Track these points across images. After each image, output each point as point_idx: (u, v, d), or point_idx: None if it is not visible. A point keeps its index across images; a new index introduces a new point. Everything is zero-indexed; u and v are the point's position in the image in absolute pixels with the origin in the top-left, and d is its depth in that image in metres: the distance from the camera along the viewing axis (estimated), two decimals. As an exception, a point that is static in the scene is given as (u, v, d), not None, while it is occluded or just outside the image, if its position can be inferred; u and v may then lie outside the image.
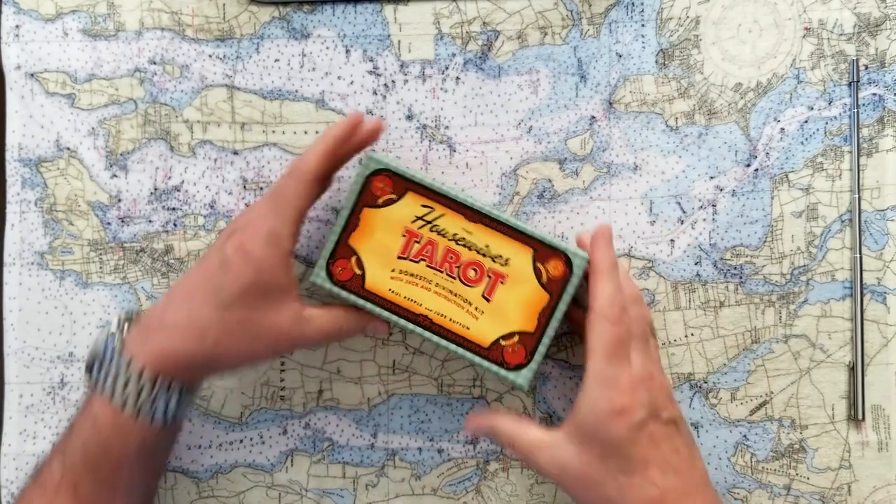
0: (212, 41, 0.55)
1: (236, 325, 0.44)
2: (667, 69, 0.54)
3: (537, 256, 0.46)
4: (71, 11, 0.55)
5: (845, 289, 0.54)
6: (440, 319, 0.47)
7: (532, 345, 0.46)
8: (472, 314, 0.47)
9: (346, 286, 0.47)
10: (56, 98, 0.55)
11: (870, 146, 0.54)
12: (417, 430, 0.54)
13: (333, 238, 0.47)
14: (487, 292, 0.46)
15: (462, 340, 0.47)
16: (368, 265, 0.47)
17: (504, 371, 0.46)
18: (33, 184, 0.55)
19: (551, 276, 0.46)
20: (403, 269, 0.47)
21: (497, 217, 0.47)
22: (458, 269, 0.46)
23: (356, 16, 0.54)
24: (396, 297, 0.47)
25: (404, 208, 0.47)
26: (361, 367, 0.55)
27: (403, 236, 0.47)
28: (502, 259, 0.46)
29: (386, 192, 0.46)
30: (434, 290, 0.47)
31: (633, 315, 0.45)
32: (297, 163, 0.46)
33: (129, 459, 0.44)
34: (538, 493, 0.54)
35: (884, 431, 0.53)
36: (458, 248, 0.46)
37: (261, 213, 0.45)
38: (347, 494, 0.54)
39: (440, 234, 0.46)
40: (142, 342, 0.44)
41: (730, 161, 0.54)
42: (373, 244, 0.47)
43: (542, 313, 0.46)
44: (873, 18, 0.54)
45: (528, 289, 0.46)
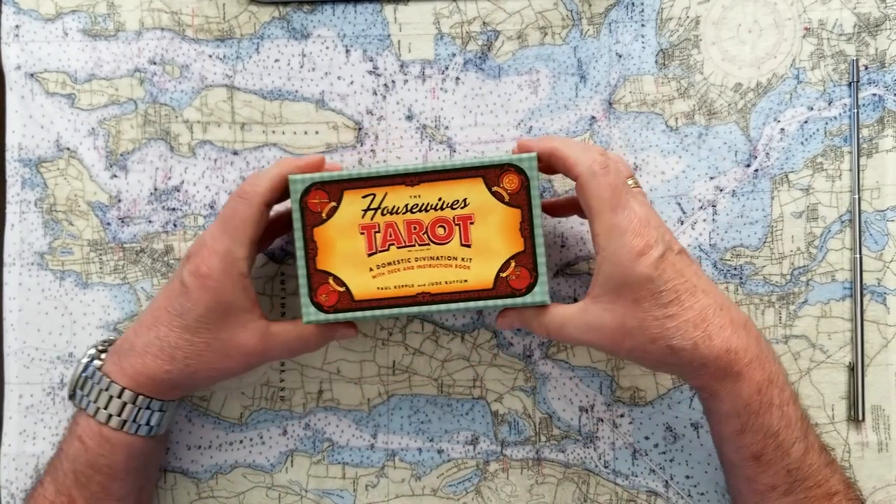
0: (212, 41, 0.55)
1: (204, 347, 0.46)
2: (667, 69, 0.54)
3: (489, 182, 0.46)
4: (71, 11, 0.55)
5: (845, 289, 0.54)
6: (438, 288, 0.46)
7: (530, 261, 0.46)
8: (462, 266, 0.46)
9: (337, 308, 0.46)
10: (56, 98, 0.55)
11: (870, 146, 0.54)
12: (417, 430, 0.54)
13: (302, 272, 0.46)
14: (464, 239, 0.46)
15: (468, 294, 0.46)
16: (347, 277, 0.46)
17: (520, 299, 0.46)
18: (33, 184, 0.55)
19: (511, 191, 0.46)
20: (379, 263, 0.46)
21: (432, 168, 0.46)
22: (427, 234, 0.46)
23: (356, 16, 0.54)
24: (388, 291, 0.46)
25: (349, 208, 0.46)
26: (361, 367, 0.55)
27: (362, 234, 0.46)
28: (460, 202, 0.46)
29: (324, 204, 0.46)
30: (417, 266, 0.46)
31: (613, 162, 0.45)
32: (247, 186, 0.46)
33: (119, 470, 0.47)
34: (538, 494, 0.54)
35: (884, 432, 0.53)
36: (416, 216, 0.46)
37: (213, 235, 0.46)
38: (347, 495, 0.54)
39: (393, 212, 0.46)
40: (118, 365, 0.47)
41: (730, 161, 0.54)
42: (340, 256, 0.46)
43: (522, 229, 0.46)
44: (873, 18, 0.54)
45: (498, 214, 0.46)
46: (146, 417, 0.47)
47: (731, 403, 0.43)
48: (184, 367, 0.46)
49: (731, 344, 0.43)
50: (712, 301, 0.43)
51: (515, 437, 0.54)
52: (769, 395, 0.43)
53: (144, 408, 0.47)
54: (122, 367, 0.47)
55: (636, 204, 0.44)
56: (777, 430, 0.43)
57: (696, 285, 0.43)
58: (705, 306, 0.43)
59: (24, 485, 0.54)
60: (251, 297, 0.47)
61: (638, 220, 0.43)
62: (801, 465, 0.44)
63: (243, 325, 0.46)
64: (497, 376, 0.54)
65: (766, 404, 0.43)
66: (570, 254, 0.54)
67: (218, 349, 0.46)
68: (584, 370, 0.54)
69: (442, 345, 0.55)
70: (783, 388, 0.44)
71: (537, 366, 0.54)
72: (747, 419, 0.43)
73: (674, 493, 0.54)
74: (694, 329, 0.43)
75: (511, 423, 0.54)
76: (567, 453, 0.54)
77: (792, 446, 0.43)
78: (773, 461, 0.44)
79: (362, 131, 0.55)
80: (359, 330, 0.54)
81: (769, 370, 0.44)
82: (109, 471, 0.46)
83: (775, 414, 0.43)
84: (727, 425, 0.44)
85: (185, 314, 0.45)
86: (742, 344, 0.43)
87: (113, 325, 0.54)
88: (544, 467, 0.54)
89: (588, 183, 0.44)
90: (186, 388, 0.48)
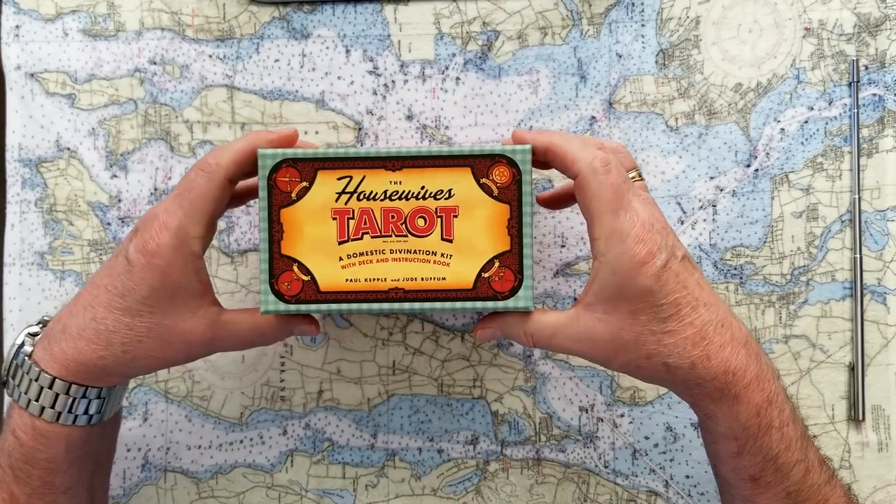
0: (212, 41, 0.55)
1: (144, 332, 0.41)
2: (667, 69, 0.54)
3: (477, 173, 0.42)
4: (71, 11, 0.55)
5: (845, 289, 0.54)
6: (412, 284, 0.42)
7: (516, 262, 0.42)
8: (441, 263, 0.42)
9: (300, 299, 0.42)
10: (56, 98, 0.55)
11: (870, 146, 0.54)
12: (417, 430, 0.54)
13: (264, 257, 0.42)
14: (445, 233, 0.42)
15: (445, 294, 0.42)
16: (314, 266, 0.42)
17: (501, 302, 0.42)
18: (33, 184, 0.55)
19: (500, 185, 0.42)
20: (350, 253, 0.42)
21: (417, 154, 0.42)
22: (405, 225, 0.42)
23: (356, 16, 0.54)
24: (357, 284, 0.42)
25: (321, 190, 0.42)
26: (361, 367, 0.55)
27: (334, 219, 0.42)
28: (444, 193, 0.42)
29: (295, 184, 0.42)
30: (391, 258, 0.42)
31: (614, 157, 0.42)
32: (209, 158, 0.42)
33: (59, 462, 0.43)
34: (538, 494, 0.54)
35: (884, 432, 0.53)
36: (394, 205, 0.42)
37: (167, 209, 0.41)
38: (347, 495, 0.54)
39: (370, 198, 0.42)
40: (48, 351, 0.42)
41: (730, 161, 0.54)
42: (307, 243, 0.42)
43: (510, 227, 0.42)
44: (873, 18, 0.54)
45: (485, 209, 0.42)
46: (83, 407, 0.42)
47: (727, 425, 0.41)
48: (120, 353, 0.41)
49: (730, 364, 0.40)
50: (714, 316, 0.41)
51: (515, 436, 0.54)
52: (768, 416, 0.41)
53: (80, 397, 0.42)
54: (52, 352, 0.42)
55: (639, 205, 0.41)
56: (776, 454, 0.41)
57: (699, 298, 0.40)
58: (706, 322, 0.40)
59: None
60: (203, 279, 0.42)
61: (641, 224, 0.40)
62: (802, 488, 0.41)
63: (191, 310, 0.42)
64: (497, 376, 0.54)
65: (764, 427, 0.41)
66: (570, 254, 0.54)
67: (160, 336, 0.41)
68: (584, 370, 0.54)
69: (442, 345, 0.55)
70: (783, 407, 0.41)
71: (537, 366, 0.54)
72: (745, 442, 0.41)
73: (674, 493, 0.54)
74: (693, 347, 0.40)
75: (511, 422, 0.54)
76: (567, 453, 0.54)
77: (792, 469, 0.41)
78: (771, 484, 0.41)
79: (362, 131, 0.55)
80: (354, 326, 0.54)
81: (769, 390, 0.41)
82: (49, 465, 0.42)
83: (775, 436, 0.41)
84: (724, 446, 0.42)
85: (126, 295, 0.41)
86: (741, 364, 0.40)
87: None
88: (544, 467, 0.54)
89: (588, 182, 0.41)
90: (124, 376, 0.43)
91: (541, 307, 0.51)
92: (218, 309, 0.43)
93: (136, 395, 0.54)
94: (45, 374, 0.41)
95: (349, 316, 0.55)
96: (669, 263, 0.40)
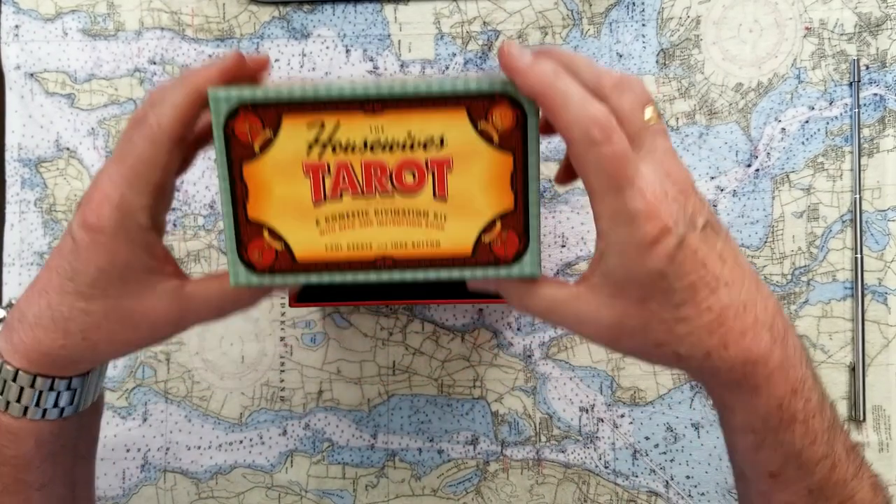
0: (212, 41, 0.55)
1: (101, 316, 0.37)
2: (667, 69, 0.54)
3: (474, 115, 0.34)
4: (70, 11, 0.55)
5: (846, 289, 0.54)
6: (402, 252, 0.36)
7: (520, 224, 0.36)
8: (434, 226, 0.36)
9: (274, 270, 0.36)
10: (56, 98, 0.55)
11: (871, 146, 0.54)
12: (417, 430, 0.54)
13: (229, 221, 0.36)
14: (438, 190, 0.35)
15: (440, 262, 0.36)
16: (287, 232, 0.36)
17: (504, 269, 0.36)
18: (33, 184, 0.55)
19: (502, 130, 0.35)
20: (329, 216, 0.36)
21: (401, 93, 0.34)
22: (391, 181, 0.35)
23: (356, 15, 0.54)
24: (339, 252, 0.36)
25: (289, 141, 0.35)
26: (361, 367, 0.55)
27: (307, 175, 0.35)
28: (435, 141, 0.35)
29: (257, 133, 0.35)
30: (377, 222, 0.36)
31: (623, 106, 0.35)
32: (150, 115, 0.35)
33: (30, 459, 0.39)
34: (538, 494, 0.54)
35: (884, 432, 0.53)
36: (377, 157, 0.35)
37: (110, 176, 0.36)
38: (347, 495, 0.54)
39: (347, 149, 0.35)
40: (9, 341, 0.38)
41: (731, 161, 0.54)
42: (278, 204, 0.35)
43: (513, 181, 0.35)
44: (874, 18, 0.54)
45: (484, 160, 0.35)
46: (52, 399, 0.38)
47: (745, 418, 0.36)
48: (81, 340, 0.37)
49: (751, 353, 0.35)
50: (736, 298, 0.35)
51: (515, 437, 0.54)
52: (792, 409, 0.36)
53: (47, 390, 0.38)
54: (13, 342, 0.38)
55: (650, 169, 0.34)
56: (800, 449, 0.36)
57: (720, 277, 0.34)
58: (726, 306, 0.34)
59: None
60: (157, 253, 0.37)
61: (652, 196, 0.33)
62: (826, 485, 0.37)
63: (149, 288, 0.37)
64: (497, 376, 0.54)
65: (787, 420, 0.36)
66: (570, 254, 0.54)
67: (119, 319, 0.37)
68: (584, 370, 0.54)
69: (442, 345, 0.54)
70: (809, 396, 0.36)
71: (537, 366, 0.54)
72: (765, 436, 0.36)
73: (674, 493, 0.54)
74: (708, 336, 0.35)
75: (511, 423, 0.54)
76: (567, 453, 0.54)
77: (816, 465, 0.36)
78: (792, 480, 0.37)
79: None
80: (354, 326, 0.54)
81: (794, 379, 0.36)
82: (18, 462, 0.39)
83: (798, 430, 0.36)
84: (741, 439, 0.37)
85: (75, 277, 0.36)
86: (764, 352, 0.35)
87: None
88: (544, 467, 0.54)
89: (584, 156, 0.33)
90: (92, 363, 0.39)
91: None
92: (179, 282, 0.38)
93: (135, 395, 0.54)
94: (7, 366, 0.38)
95: (349, 316, 0.55)
96: (687, 240, 0.34)
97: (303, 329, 0.55)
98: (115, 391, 0.54)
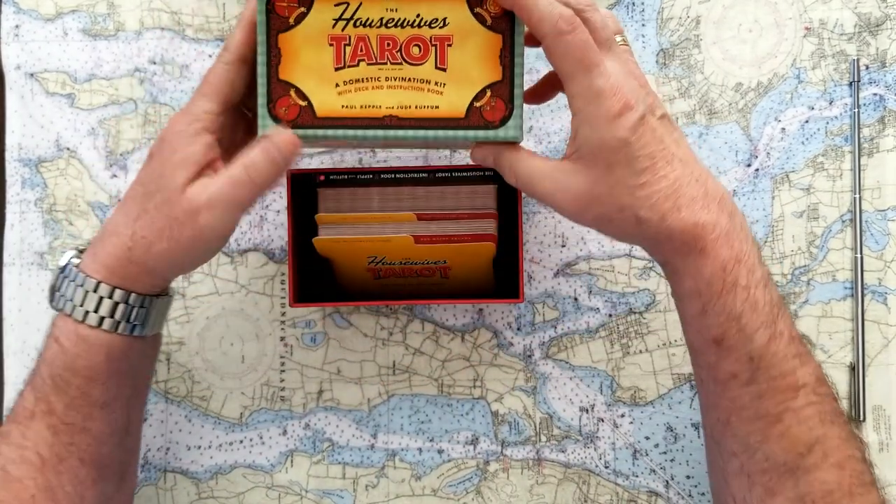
0: (212, 41, 0.55)
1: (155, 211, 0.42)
2: (667, 69, 0.54)
3: (472, 2, 0.42)
4: (71, 11, 0.55)
5: (846, 289, 0.54)
6: (406, 112, 0.43)
7: (507, 92, 0.43)
8: (434, 91, 0.43)
9: (297, 123, 0.43)
10: (56, 98, 0.55)
11: (870, 146, 0.54)
12: (417, 430, 0.54)
13: (262, 80, 0.42)
14: (439, 62, 0.43)
15: (436, 122, 0.43)
16: (310, 91, 0.43)
17: (492, 131, 0.43)
18: (33, 184, 0.55)
19: (494, 14, 0.42)
20: (346, 79, 0.43)
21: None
22: (401, 53, 0.42)
23: (356, 16, 0.54)
24: (352, 110, 0.43)
25: (319, 16, 0.42)
26: (361, 367, 0.55)
27: (331, 45, 0.42)
28: (439, 21, 0.42)
29: (293, 9, 0.42)
30: (387, 86, 0.43)
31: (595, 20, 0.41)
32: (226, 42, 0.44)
33: (99, 372, 0.43)
34: (538, 494, 0.54)
35: (884, 432, 0.53)
36: (390, 32, 0.42)
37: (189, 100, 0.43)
38: (347, 495, 0.54)
39: (366, 25, 0.42)
40: (92, 255, 0.43)
41: (730, 161, 0.54)
42: (304, 68, 0.43)
43: (502, 57, 0.43)
44: (874, 18, 0.54)
45: (478, 39, 0.42)
46: (125, 313, 0.43)
47: (692, 282, 0.41)
48: (140, 239, 0.42)
49: (700, 217, 0.40)
50: (689, 171, 0.41)
51: (516, 437, 0.54)
52: (734, 274, 0.40)
53: (122, 301, 0.42)
54: (95, 254, 0.43)
55: (614, 62, 0.41)
56: (740, 313, 0.40)
57: (675, 154, 0.40)
58: (680, 176, 0.40)
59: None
60: (209, 155, 0.42)
61: (614, 79, 0.40)
62: (765, 354, 0.40)
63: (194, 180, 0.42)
64: (497, 376, 0.54)
65: (730, 284, 0.40)
66: (570, 254, 0.54)
67: (169, 213, 0.41)
68: (584, 370, 0.54)
69: (442, 345, 0.54)
70: (753, 268, 0.40)
71: (537, 366, 0.54)
72: (709, 298, 0.40)
73: (674, 493, 0.54)
74: (664, 200, 0.40)
75: (511, 423, 0.54)
76: (567, 453, 0.54)
77: (756, 332, 0.40)
78: (734, 346, 0.41)
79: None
80: (354, 326, 0.54)
81: (738, 248, 0.40)
82: (88, 373, 0.42)
83: (740, 295, 0.40)
84: (689, 306, 0.41)
85: (143, 180, 0.42)
86: (711, 218, 0.40)
87: (113, 325, 0.54)
88: (544, 467, 0.54)
89: (555, 45, 0.40)
90: (155, 273, 0.43)
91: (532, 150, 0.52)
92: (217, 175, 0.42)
93: (135, 395, 0.54)
94: (89, 278, 0.42)
95: (349, 316, 0.55)
96: (646, 118, 0.40)
97: (303, 329, 0.55)
98: (115, 391, 0.54)
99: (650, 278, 0.54)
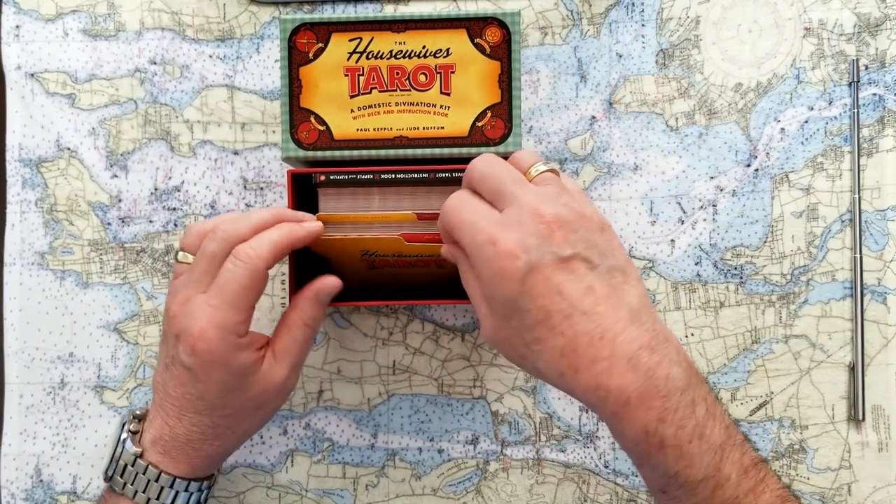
0: (212, 41, 0.55)
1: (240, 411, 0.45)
2: (667, 69, 0.54)
3: (472, 34, 0.47)
4: (71, 11, 0.55)
5: (845, 289, 0.54)
6: (415, 133, 0.48)
7: (506, 113, 0.48)
8: (440, 114, 0.48)
9: (317, 146, 0.48)
10: (56, 98, 0.55)
11: (870, 146, 0.54)
12: (417, 430, 0.54)
13: (285, 109, 0.48)
14: (444, 87, 0.48)
15: (444, 140, 0.48)
16: (328, 117, 0.48)
17: (493, 148, 0.48)
18: (33, 184, 0.55)
19: (492, 44, 0.47)
20: (361, 105, 0.48)
21: (419, 17, 0.48)
22: (409, 80, 0.48)
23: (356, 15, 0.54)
24: (366, 133, 0.48)
25: (335, 50, 0.48)
26: (362, 367, 0.55)
27: (346, 75, 0.48)
28: (443, 51, 0.48)
29: (312, 45, 0.48)
30: (397, 110, 0.48)
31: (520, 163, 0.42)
32: (247, 249, 0.43)
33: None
34: (538, 494, 0.54)
35: (884, 432, 0.53)
36: (399, 62, 0.48)
37: (210, 303, 0.43)
38: (347, 495, 0.54)
39: (377, 56, 0.48)
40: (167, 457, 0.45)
41: (730, 161, 0.54)
42: (322, 97, 0.48)
43: (500, 81, 0.48)
44: (873, 18, 0.54)
45: (478, 66, 0.48)
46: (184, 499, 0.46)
47: (620, 440, 0.38)
48: (230, 434, 0.46)
49: (601, 381, 0.37)
50: (591, 327, 0.37)
51: (515, 436, 0.54)
52: (659, 434, 0.37)
53: (183, 490, 0.45)
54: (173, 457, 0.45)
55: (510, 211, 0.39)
56: (676, 472, 0.37)
57: (576, 307, 0.37)
58: (579, 333, 0.37)
59: (25, 484, 0.54)
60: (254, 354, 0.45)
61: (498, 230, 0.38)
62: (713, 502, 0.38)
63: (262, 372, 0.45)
64: (497, 376, 0.54)
65: (656, 445, 0.37)
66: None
67: (253, 407, 0.45)
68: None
69: (442, 344, 0.55)
70: (683, 423, 0.37)
71: (537, 366, 0.54)
72: (639, 458, 0.38)
73: (674, 492, 0.54)
74: (560, 358, 0.37)
75: (511, 422, 0.54)
76: (567, 453, 0.54)
77: (698, 485, 0.37)
78: (679, 498, 0.38)
79: (362, 131, 0.55)
80: (354, 326, 0.54)
81: (661, 406, 0.37)
82: None
83: (670, 455, 0.37)
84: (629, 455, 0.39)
85: (205, 396, 0.44)
86: (616, 383, 0.36)
87: (113, 324, 0.54)
88: (544, 467, 0.54)
89: None
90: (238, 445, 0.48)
91: None
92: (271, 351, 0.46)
93: (136, 395, 0.54)
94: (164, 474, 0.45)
95: (349, 316, 0.55)
96: (538, 267, 0.37)
97: (303, 329, 0.55)
98: (115, 391, 0.54)
99: (650, 278, 0.54)
